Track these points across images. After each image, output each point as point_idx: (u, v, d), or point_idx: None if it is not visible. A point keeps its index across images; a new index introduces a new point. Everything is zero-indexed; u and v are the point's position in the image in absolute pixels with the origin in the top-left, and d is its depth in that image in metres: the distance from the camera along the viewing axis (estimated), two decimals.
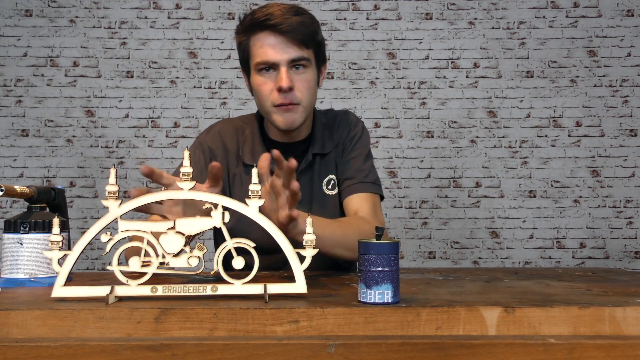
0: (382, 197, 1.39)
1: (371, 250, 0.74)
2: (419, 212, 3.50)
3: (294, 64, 1.22)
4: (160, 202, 0.95)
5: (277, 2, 1.25)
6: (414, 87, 3.55)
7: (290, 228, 0.97)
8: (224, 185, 1.33)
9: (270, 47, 1.21)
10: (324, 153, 1.36)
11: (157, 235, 0.79)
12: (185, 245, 0.79)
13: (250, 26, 1.23)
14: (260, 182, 0.82)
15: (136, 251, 0.80)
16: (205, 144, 1.36)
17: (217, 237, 1.44)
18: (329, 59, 1.34)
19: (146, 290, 0.76)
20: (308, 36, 1.23)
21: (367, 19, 3.58)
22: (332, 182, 1.36)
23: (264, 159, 0.92)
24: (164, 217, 0.95)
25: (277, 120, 1.25)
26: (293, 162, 0.89)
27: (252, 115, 1.43)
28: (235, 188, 1.35)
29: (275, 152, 0.91)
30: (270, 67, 1.22)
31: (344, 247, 1.13)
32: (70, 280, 0.99)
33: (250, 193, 0.79)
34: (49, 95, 3.49)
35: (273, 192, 0.94)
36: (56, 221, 0.79)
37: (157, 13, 3.55)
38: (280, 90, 1.21)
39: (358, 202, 1.32)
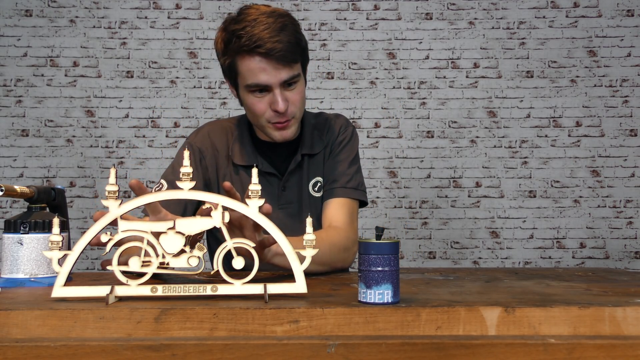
0: (364, 203, 1.38)
1: (371, 250, 0.74)
2: (419, 212, 3.50)
3: (286, 83, 1.22)
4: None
5: (256, 13, 1.18)
6: (414, 87, 3.55)
7: (265, 253, 0.98)
8: (214, 185, 1.35)
9: (261, 71, 1.18)
10: (312, 153, 1.37)
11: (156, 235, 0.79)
12: (185, 245, 0.79)
13: (237, 50, 1.19)
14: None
15: (134, 252, 0.80)
16: (195, 144, 1.37)
17: (210, 239, 1.44)
18: (328, 59, 1.34)
19: (146, 290, 0.76)
20: (296, 52, 1.21)
21: (367, 19, 3.58)
22: (319, 184, 1.38)
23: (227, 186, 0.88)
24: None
25: (273, 134, 1.29)
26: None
27: (241, 116, 1.44)
28: None
29: (227, 184, 0.87)
30: (263, 88, 1.22)
31: (316, 263, 1.03)
32: (70, 280, 0.99)
33: (250, 193, 0.79)
34: (49, 95, 3.49)
35: (236, 227, 0.90)
36: (56, 221, 0.79)
37: (157, 13, 3.55)
38: (276, 112, 1.23)
39: (335, 208, 1.31)
